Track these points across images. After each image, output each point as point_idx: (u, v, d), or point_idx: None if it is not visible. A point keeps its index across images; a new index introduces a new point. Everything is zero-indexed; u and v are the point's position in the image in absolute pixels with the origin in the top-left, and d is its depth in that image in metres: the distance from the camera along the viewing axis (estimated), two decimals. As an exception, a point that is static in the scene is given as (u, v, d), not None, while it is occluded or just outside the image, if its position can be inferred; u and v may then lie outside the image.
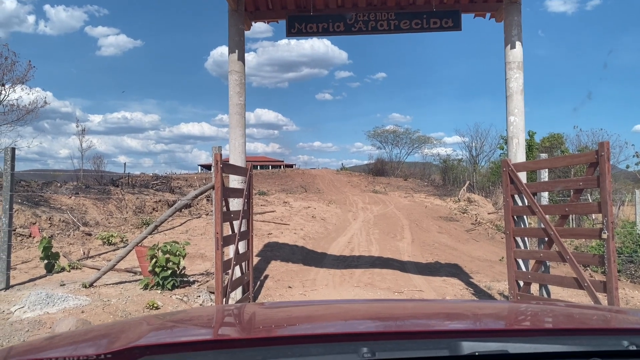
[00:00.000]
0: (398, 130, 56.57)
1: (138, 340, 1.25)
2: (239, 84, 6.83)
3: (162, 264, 6.86)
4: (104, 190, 14.43)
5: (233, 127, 6.77)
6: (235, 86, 6.82)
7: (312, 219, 16.50)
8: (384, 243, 13.22)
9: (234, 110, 6.79)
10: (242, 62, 6.92)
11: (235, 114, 6.79)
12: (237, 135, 6.76)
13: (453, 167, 46.42)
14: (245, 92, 6.92)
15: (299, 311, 1.96)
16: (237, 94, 6.82)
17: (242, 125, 6.81)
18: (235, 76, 6.82)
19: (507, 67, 6.54)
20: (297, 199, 24.22)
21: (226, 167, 5.64)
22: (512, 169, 6.18)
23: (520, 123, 6.44)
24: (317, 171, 56.47)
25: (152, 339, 1.33)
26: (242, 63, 6.91)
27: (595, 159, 5.05)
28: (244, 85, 6.89)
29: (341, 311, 1.91)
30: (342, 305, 2.18)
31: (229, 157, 6.84)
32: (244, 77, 6.92)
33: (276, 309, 2.09)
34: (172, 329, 1.56)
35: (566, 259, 5.39)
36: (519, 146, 6.43)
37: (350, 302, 2.98)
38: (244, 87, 6.89)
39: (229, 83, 6.86)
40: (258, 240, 11.22)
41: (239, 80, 6.84)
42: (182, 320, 1.74)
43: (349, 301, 3.77)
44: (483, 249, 13.27)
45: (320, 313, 1.87)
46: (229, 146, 6.80)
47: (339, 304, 2.43)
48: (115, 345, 1.21)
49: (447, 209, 23.35)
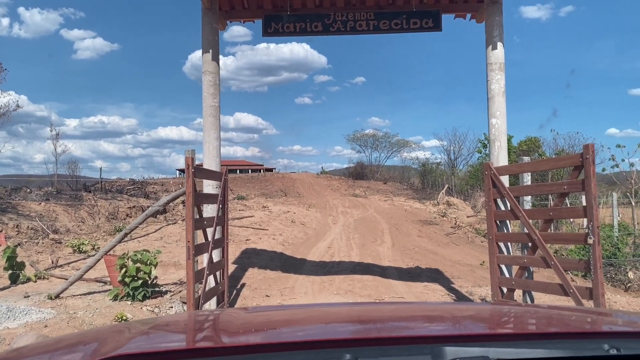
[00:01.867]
0: (377, 134, 56.79)
1: (120, 349, 1.22)
2: (213, 85, 6.55)
3: (133, 273, 6.53)
4: (76, 196, 13.93)
5: (207, 129, 6.49)
6: (210, 87, 6.54)
7: (291, 224, 16.24)
8: (365, 248, 13.03)
9: (208, 112, 6.51)
10: (217, 62, 6.65)
11: (210, 116, 6.51)
12: (211, 138, 6.48)
13: (432, 171, 46.73)
14: (220, 93, 6.65)
15: (282, 315, 1.96)
16: (212, 96, 6.54)
17: (216, 128, 6.53)
18: (210, 77, 6.55)
19: (488, 68, 6.41)
20: (276, 203, 23.92)
21: (199, 172, 5.36)
22: (495, 172, 6.04)
23: (503, 125, 6.31)
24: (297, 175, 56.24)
25: (134, 346, 1.30)
26: (217, 63, 6.64)
27: (580, 162, 4.92)
28: (218, 87, 6.62)
29: (322, 316, 1.90)
30: (323, 309, 2.17)
31: (203, 161, 6.56)
32: (219, 77, 6.65)
33: (259, 314, 2.08)
34: (153, 336, 1.52)
35: (551, 265, 5.25)
36: (501, 149, 6.30)
37: (331, 306, 2.94)
38: (218, 89, 6.62)
39: (203, 84, 6.58)
40: (235, 247, 10.91)
41: (213, 81, 6.57)
42: (163, 327, 1.70)
43: (330, 305, 3.73)
44: (463, 253, 13.18)
45: (301, 318, 1.86)
46: (203, 150, 6.52)
47: (319, 308, 2.42)
48: (96, 355, 1.16)
49: (427, 213, 23.32)
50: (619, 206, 18.78)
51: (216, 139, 6.50)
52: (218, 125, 6.55)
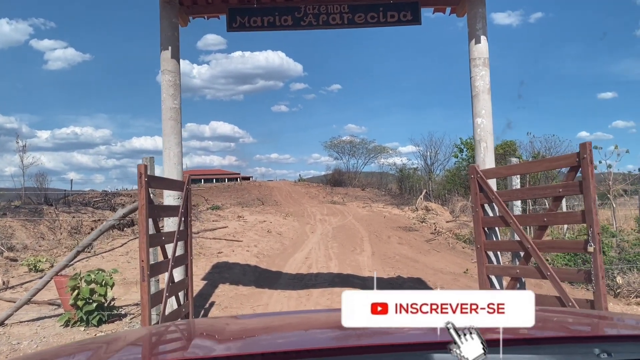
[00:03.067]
0: (354, 140, 56.64)
1: None
2: (173, 85, 5.95)
3: (86, 295, 5.85)
4: (36, 210, 13.06)
5: (167, 134, 5.88)
6: (169, 87, 5.93)
7: (267, 234, 15.60)
8: (344, 257, 12.48)
9: (168, 115, 5.90)
10: (177, 60, 6.05)
11: (170, 119, 5.90)
12: (171, 144, 5.86)
13: (409, 176, 46.65)
14: (181, 94, 6.05)
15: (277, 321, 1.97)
16: (171, 97, 5.93)
17: (177, 132, 5.93)
18: (169, 76, 5.94)
19: (471, 64, 5.97)
20: (253, 212, 23.24)
21: (154, 181, 4.75)
22: (482, 175, 5.57)
23: (489, 125, 5.86)
24: (275, 183, 55.71)
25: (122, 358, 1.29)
26: (177, 62, 6.04)
27: (576, 162, 4.47)
28: (179, 87, 6.02)
29: (302, 322, 1.86)
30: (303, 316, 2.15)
31: (163, 170, 5.93)
32: (179, 77, 6.05)
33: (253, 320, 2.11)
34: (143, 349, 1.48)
35: (546, 275, 4.78)
36: (487, 150, 5.84)
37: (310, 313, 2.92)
38: (179, 89, 6.01)
39: (161, 84, 5.97)
40: (206, 261, 10.25)
41: (173, 80, 5.96)
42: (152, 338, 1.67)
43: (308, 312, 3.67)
44: (445, 260, 12.75)
45: (285, 324, 1.85)
46: (162, 157, 5.90)
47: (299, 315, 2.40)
48: None
49: (406, 219, 22.95)
50: (596, 208, 18.76)
51: (177, 144, 5.89)
52: (179, 130, 5.94)
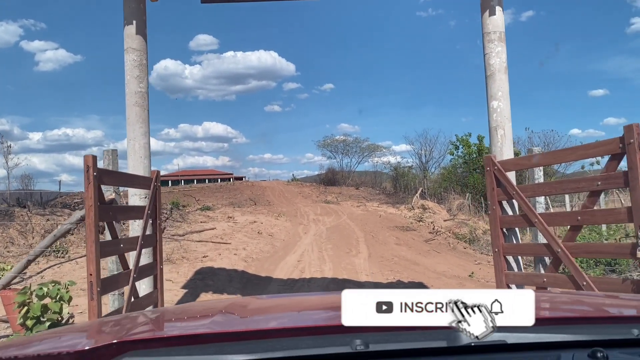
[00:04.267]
0: (348, 139, 56.02)
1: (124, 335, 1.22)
2: (138, 65, 5.09)
3: (37, 313, 4.96)
4: (7, 212, 12.14)
5: (132, 122, 5.02)
6: (134, 69, 5.08)
7: (257, 236, 14.75)
8: (339, 260, 11.67)
9: (132, 101, 5.04)
10: (143, 37, 5.19)
11: (135, 105, 5.04)
12: (137, 134, 5.01)
13: (404, 174, 46.01)
14: (149, 76, 5.19)
15: (286, 302, 2.03)
16: (137, 79, 5.08)
17: (144, 121, 5.07)
18: (133, 55, 5.08)
19: (485, 39, 5.16)
20: (244, 212, 22.39)
21: (108, 176, 3.89)
22: (499, 167, 4.77)
23: (506, 109, 5.05)
24: (268, 183, 55.11)
25: (139, 333, 1.31)
26: (144, 39, 5.19)
27: (619, 148, 3.68)
28: (145, 68, 5.16)
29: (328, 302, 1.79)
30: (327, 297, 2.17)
31: (128, 164, 5.08)
32: (146, 56, 5.19)
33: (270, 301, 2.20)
34: (158, 325, 1.51)
35: (582, 286, 3.98)
36: (505, 139, 5.03)
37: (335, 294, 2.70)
38: (145, 70, 5.16)
39: (125, 65, 5.11)
40: (189, 266, 9.39)
41: (139, 60, 5.11)
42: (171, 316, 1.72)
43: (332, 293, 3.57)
44: (447, 262, 11.96)
45: (308, 305, 1.86)
46: (127, 148, 5.04)
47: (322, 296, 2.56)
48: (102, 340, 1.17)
49: (403, 218, 22.18)
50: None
51: (144, 134, 5.03)
52: (146, 117, 5.09)
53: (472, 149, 38.30)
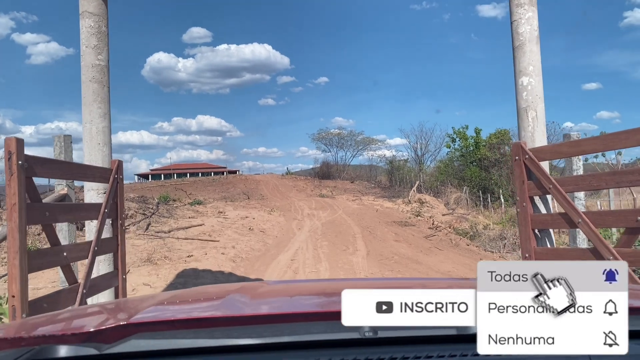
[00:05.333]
0: (342, 132, 55.38)
1: (131, 318, 1.22)
2: (96, 32, 4.20)
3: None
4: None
5: (87, 102, 4.14)
6: (90, 37, 4.19)
7: (248, 232, 13.91)
8: (335, 258, 10.86)
9: (89, 75, 4.15)
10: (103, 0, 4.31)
11: (92, 81, 4.16)
12: (94, 116, 4.13)
13: (399, 168, 45.40)
14: (109, 48, 4.30)
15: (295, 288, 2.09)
16: (94, 50, 4.19)
17: (103, 100, 4.19)
18: (90, 21, 4.19)
19: (513, 3, 4.31)
20: (237, 207, 21.59)
21: (42, 167, 3.01)
22: (531, 156, 3.95)
23: (538, 86, 4.22)
24: (261, 176, 54.64)
25: (146, 316, 1.28)
26: (103, 1, 4.30)
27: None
28: (105, 37, 4.27)
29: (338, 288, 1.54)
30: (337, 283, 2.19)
31: (84, 152, 4.20)
32: (106, 23, 4.30)
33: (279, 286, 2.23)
34: (167, 308, 1.50)
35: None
36: (537, 122, 4.20)
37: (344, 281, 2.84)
38: (105, 39, 4.27)
39: (80, 33, 4.22)
40: (170, 268, 8.53)
41: (97, 27, 4.22)
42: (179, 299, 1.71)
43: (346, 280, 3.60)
44: (451, 261, 11.18)
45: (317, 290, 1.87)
46: (82, 134, 4.16)
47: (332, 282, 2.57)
48: (109, 322, 1.19)
49: (400, 212, 21.42)
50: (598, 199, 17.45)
51: (103, 116, 4.16)
52: (106, 96, 4.21)
53: (469, 141, 37.63)
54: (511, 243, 14.32)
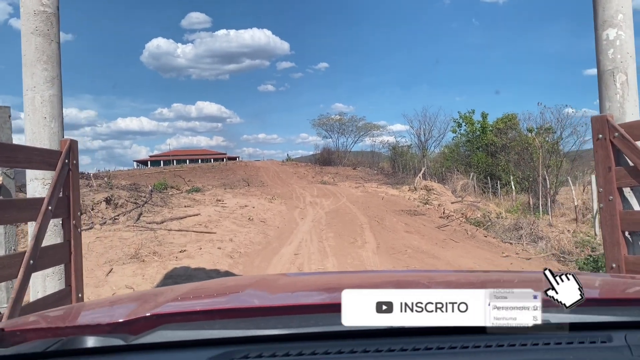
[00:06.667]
0: (343, 118, 54.34)
1: (157, 309, 1.21)
2: (40, -30, 3.15)
3: None
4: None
5: (29, 62, 3.08)
6: (32, -27, 3.14)
7: (248, 223, 12.92)
8: (343, 252, 9.89)
9: (31, 26, 3.09)
10: None
11: (34, 33, 3.10)
12: (38, 81, 3.08)
13: (402, 154, 44.41)
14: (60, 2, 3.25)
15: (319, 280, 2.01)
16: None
17: (51, 59, 3.13)
18: (32, -47, 3.14)
19: None
20: (236, 194, 20.59)
21: None
22: (623, 133, 2.94)
23: (629, 41, 3.17)
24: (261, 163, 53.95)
25: (172, 307, 1.29)
26: None
27: None
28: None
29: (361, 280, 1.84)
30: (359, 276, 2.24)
31: (25, 127, 3.15)
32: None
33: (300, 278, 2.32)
34: (192, 299, 1.49)
35: None
36: (627, 88, 3.16)
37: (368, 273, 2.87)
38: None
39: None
40: (158, 266, 7.52)
41: (41, -38, 3.16)
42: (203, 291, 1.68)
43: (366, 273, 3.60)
44: (471, 255, 10.19)
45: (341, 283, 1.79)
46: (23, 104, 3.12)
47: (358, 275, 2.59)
48: (135, 313, 1.17)
49: (406, 200, 20.44)
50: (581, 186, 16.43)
51: (50, 81, 3.10)
52: (55, 55, 3.16)
53: (475, 126, 36.49)
54: (528, 233, 13.40)
